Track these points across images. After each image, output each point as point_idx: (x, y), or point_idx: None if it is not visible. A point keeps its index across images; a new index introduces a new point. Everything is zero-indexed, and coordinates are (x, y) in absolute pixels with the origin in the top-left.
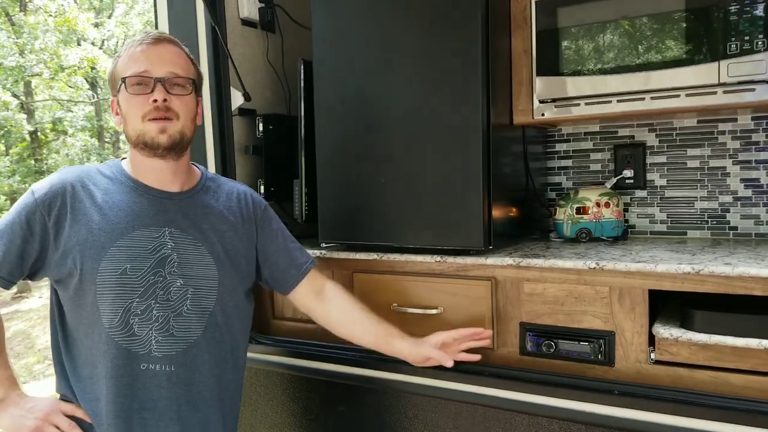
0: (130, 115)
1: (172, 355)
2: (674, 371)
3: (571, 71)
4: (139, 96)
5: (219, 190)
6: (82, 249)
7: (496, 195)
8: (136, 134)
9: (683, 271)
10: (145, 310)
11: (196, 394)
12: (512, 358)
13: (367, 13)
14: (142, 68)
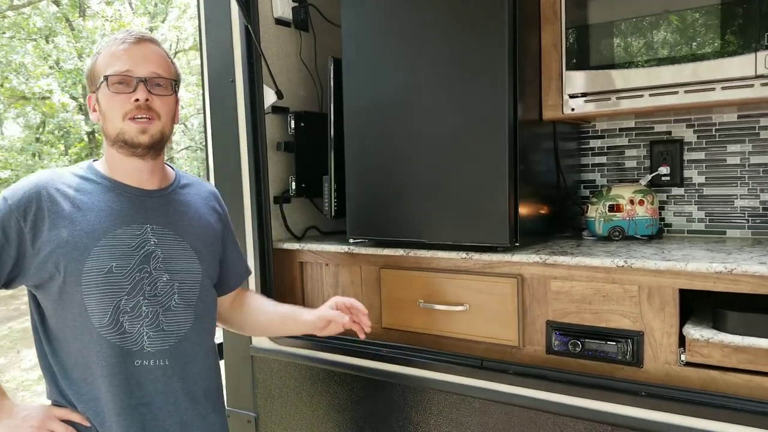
0: (111, 113)
1: (165, 349)
2: (706, 374)
3: (602, 65)
4: (121, 95)
5: (193, 188)
6: (65, 251)
7: (524, 191)
8: (116, 132)
9: (715, 270)
10: (134, 307)
11: (193, 385)
12: (538, 357)
13: (394, 10)
14: (125, 67)
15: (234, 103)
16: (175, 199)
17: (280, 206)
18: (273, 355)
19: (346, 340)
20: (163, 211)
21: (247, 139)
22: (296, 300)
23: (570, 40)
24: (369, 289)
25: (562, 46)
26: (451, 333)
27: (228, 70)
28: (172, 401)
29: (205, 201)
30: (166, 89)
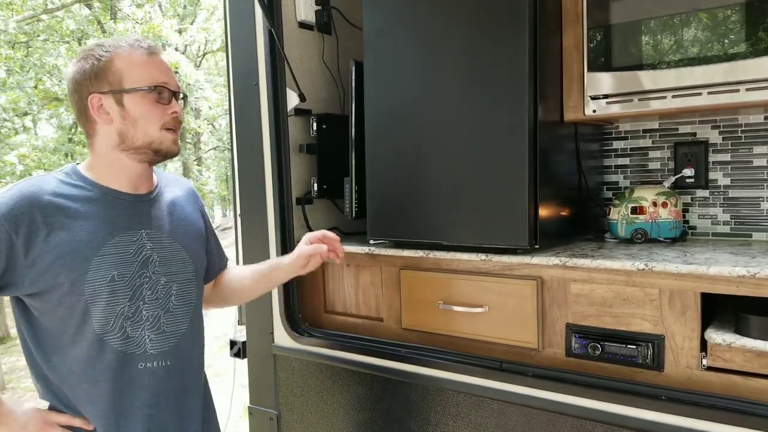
0: (146, 121)
1: (166, 350)
2: (728, 378)
3: (624, 66)
4: (161, 105)
5: (175, 188)
6: (65, 262)
7: (544, 193)
8: (149, 140)
9: (738, 274)
10: (135, 312)
11: (188, 382)
12: (558, 360)
13: (414, 13)
14: (163, 79)
15: (258, 106)
16: (163, 200)
17: (302, 207)
18: (295, 354)
19: (365, 341)
20: (155, 215)
21: (270, 142)
22: (318, 298)
23: (592, 42)
24: (389, 290)
25: (584, 48)
26: (470, 334)
27: (252, 74)
28: (173, 399)
29: (186, 199)
30: (183, 103)
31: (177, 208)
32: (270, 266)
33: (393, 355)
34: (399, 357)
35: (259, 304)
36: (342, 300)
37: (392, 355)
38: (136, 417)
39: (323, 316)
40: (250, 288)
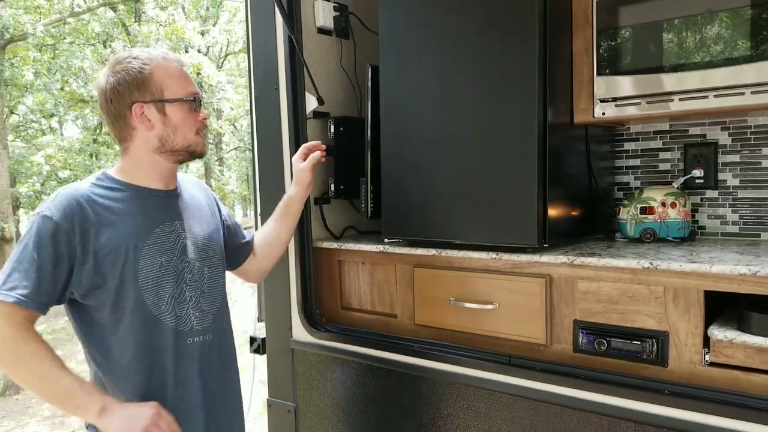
0: (185, 127)
1: (207, 326)
2: (730, 374)
3: (631, 70)
4: (194, 113)
5: (189, 183)
6: (117, 255)
7: (554, 194)
8: (187, 144)
9: (739, 272)
10: (180, 294)
11: (225, 355)
12: (566, 355)
13: (429, 18)
14: (195, 89)
15: (278, 109)
16: (186, 195)
17: (320, 207)
18: (311, 348)
19: (379, 336)
20: (182, 207)
21: (289, 144)
22: (334, 295)
23: (601, 46)
24: (403, 288)
25: (594, 51)
26: (481, 330)
27: (272, 78)
28: (215, 370)
29: (199, 192)
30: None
31: (195, 201)
32: (283, 204)
33: (406, 350)
34: (412, 352)
35: (278, 300)
36: (358, 297)
37: (405, 350)
38: (191, 387)
39: (340, 312)
40: (279, 231)
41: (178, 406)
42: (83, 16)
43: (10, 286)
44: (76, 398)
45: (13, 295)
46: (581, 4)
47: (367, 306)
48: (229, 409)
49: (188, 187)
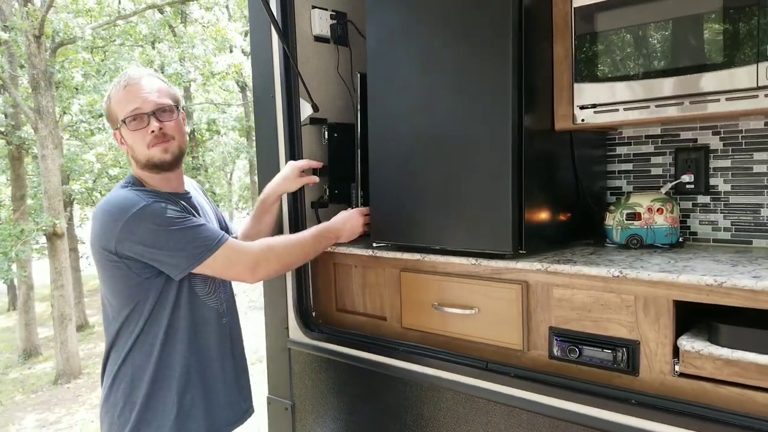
0: (136, 145)
1: (230, 307)
2: (699, 385)
3: (609, 77)
4: (139, 130)
5: (191, 186)
6: None
7: (532, 199)
8: (146, 159)
9: (705, 282)
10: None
11: (238, 335)
12: (541, 361)
13: (411, 26)
14: (133, 106)
15: (274, 116)
16: (195, 196)
17: (316, 211)
18: (306, 348)
19: (367, 338)
20: (195, 207)
21: (284, 149)
22: (330, 297)
23: (579, 52)
24: (391, 291)
25: (572, 58)
26: (462, 335)
27: (269, 86)
28: (239, 347)
29: (199, 192)
30: (171, 114)
31: (202, 201)
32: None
33: (391, 353)
34: (396, 355)
35: (276, 300)
36: (351, 299)
37: (390, 353)
38: (227, 362)
39: (335, 314)
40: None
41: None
42: (131, 19)
43: (206, 240)
44: (323, 241)
45: (218, 238)
46: (561, 10)
47: (359, 308)
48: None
49: (192, 189)
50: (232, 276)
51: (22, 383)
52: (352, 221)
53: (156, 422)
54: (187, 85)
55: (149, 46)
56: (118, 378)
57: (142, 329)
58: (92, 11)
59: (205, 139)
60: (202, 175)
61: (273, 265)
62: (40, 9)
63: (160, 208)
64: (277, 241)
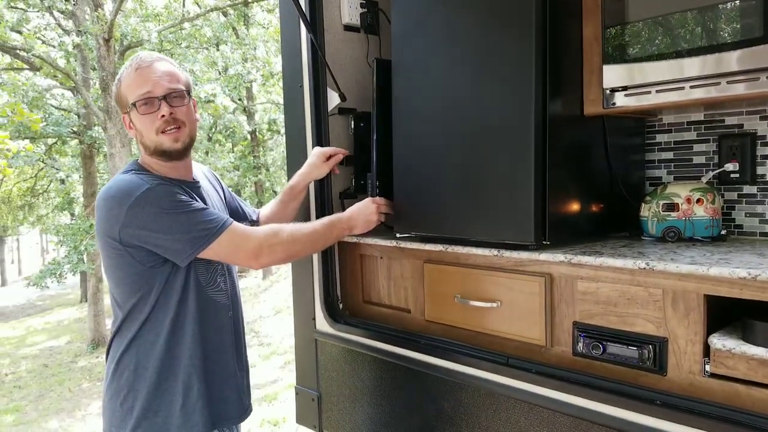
0: (146, 130)
1: (235, 302)
2: (731, 387)
3: (640, 57)
4: (149, 114)
5: (200, 173)
6: None
7: (558, 188)
8: (154, 145)
9: (738, 276)
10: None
11: (241, 327)
12: (566, 358)
13: (435, 12)
14: (145, 90)
15: (302, 106)
16: (203, 185)
17: (342, 202)
18: (332, 340)
19: (390, 330)
20: (206, 195)
21: (311, 139)
22: (357, 289)
23: (609, 32)
24: (415, 283)
25: (602, 38)
26: (483, 329)
27: (297, 76)
28: (242, 344)
29: (209, 178)
30: (182, 99)
31: (211, 188)
32: (289, 189)
33: (413, 346)
34: (419, 348)
35: (303, 291)
36: (377, 291)
37: (412, 346)
38: (231, 357)
39: (362, 305)
40: (283, 216)
41: None
42: (196, 22)
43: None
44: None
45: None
46: None
47: (384, 300)
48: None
49: (200, 176)
50: (236, 261)
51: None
52: (367, 212)
53: (163, 412)
54: (248, 86)
55: (213, 48)
56: (122, 364)
57: (148, 317)
58: (160, 15)
59: (266, 138)
60: (263, 174)
61: (278, 254)
62: (110, 14)
63: (164, 191)
64: (286, 228)
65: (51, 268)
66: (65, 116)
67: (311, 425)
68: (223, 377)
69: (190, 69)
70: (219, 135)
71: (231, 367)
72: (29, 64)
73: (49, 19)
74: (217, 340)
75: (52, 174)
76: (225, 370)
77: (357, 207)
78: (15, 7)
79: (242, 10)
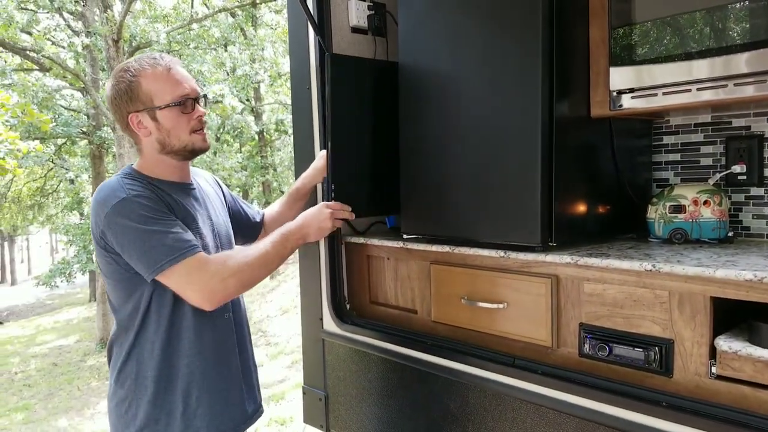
0: (177, 129)
1: (235, 302)
2: (737, 389)
3: (647, 59)
4: (186, 114)
5: (198, 176)
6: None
7: (564, 190)
8: (183, 144)
9: (744, 278)
10: None
11: (244, 330)
12: (572, 359)
13: (441, 11)
14: (184, 90)
15: (310, 108)
16: (200, 187)
17: None
18: (339, 340)
19: (397, 331)
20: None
21: (319, 140)
22: (364, 289)
23: (616, 34)
24: (421, 284)
25: (609, 40)
26: (490, 330)
27: (305, 78)
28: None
29: (208, 181)
30: (203, 103)
31: (209, 192)
32: (294, 191)
33: (420, 347)
34: (425, 348)
35: (311, 292)
36: (384, 292)
37: (419, 347)
38: (233, 361)
39: (369, 306)
40: (287, 216)
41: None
42: (205, 22)
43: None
44: (288, 245)
45: (185, 249)
46: None
47: (391, 301)
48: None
49: (199, 179)
50: (187, 298)
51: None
52: (320, 218)
53: (164, 420)
54: (256, 86)
55: (222, 48)
56: (124, 373)
57: (143, 325)
58: (168, 16)
59: (274, 139)
60: (270, 174)
61: (231, 288)
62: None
63: (138, 203)
64: (235, 257)
65: (60, 268)
66: (74, 117)
67: (318, 425)
68: (224, 384)
69: (199, 70)
70: (227, 135)
71: (233, 372)
72: (39, 65)
73: (59, 20)
74: (217, 345)
75: (62, 174)
76: (226, 375)
77: (309, 213)
78: (25, 8)
79: (250, 11)
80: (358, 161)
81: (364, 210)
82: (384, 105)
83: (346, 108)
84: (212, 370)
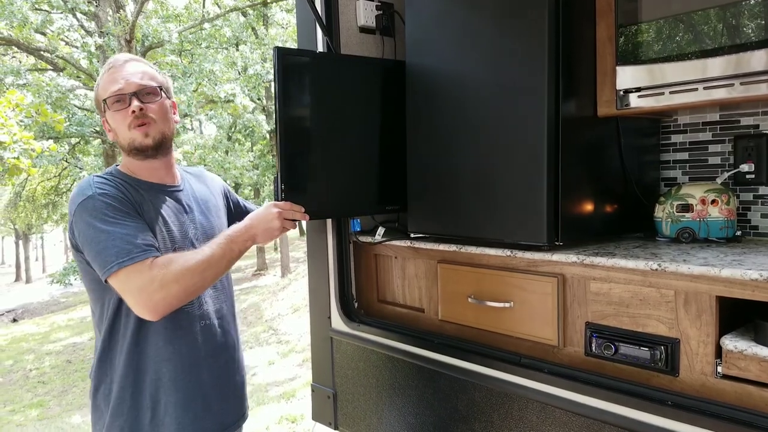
0: (119, 128)
1: (217, 308)
2: (743, 388)
3: (653, 58)
4: (121, 111)
5: (194, 178)
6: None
7: (571, 189)
8: (127, 142)
9: (750, 277)
10: None
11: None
12: (578, 358)
13: (448, 10)
14: (116, 87)
15: None
16: (188, 189)
17: None
18: (347, 338)
19: (405, 329)
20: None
21: None
22: (372, 288)
23: (622, 34)
24: (429, 282)
25: (616, 40)
26: (496, 329)
27: None
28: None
29: (206, 184)
30: (154, 95)
31: (200, 194)
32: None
33: (427, 345)
34: (432, 347)
35: (319, 291)
36: (391, 290)
37: (426, 345)
38: (209, 368)
39: (377, 304)
40: None
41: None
42: (216, 22)
43: (122, 250)
44: (235, 247)
45: (135, 253)
46: None
47: (399, 300)
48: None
49: (192, 181)
50: (129, 306)
51: None
52: (267, 218)
53: (128, 428)
54: (267, 85)
55: (233, 48)
56: (97, 377)
57: (112, 328)
58: (180, 16)
59: None
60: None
61: (173, 296)
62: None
63: (102, 202)
64: (177, 261)
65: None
66: (88, 116)
67: (327, 422)
68: (196, 392)
69: (210, 69)
70: (238, 134)
71: (209, 379)
72: (53, 65)
73: (72, 21)
74: (189, 353)
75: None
76: (198, 384)
77: (256, 214)
78: (39, 9)
79: (261, 10)
80: (316, 159)
81: (318, 211)
82: (355, 101)
83: (301, 103)
84: (182, 378)
